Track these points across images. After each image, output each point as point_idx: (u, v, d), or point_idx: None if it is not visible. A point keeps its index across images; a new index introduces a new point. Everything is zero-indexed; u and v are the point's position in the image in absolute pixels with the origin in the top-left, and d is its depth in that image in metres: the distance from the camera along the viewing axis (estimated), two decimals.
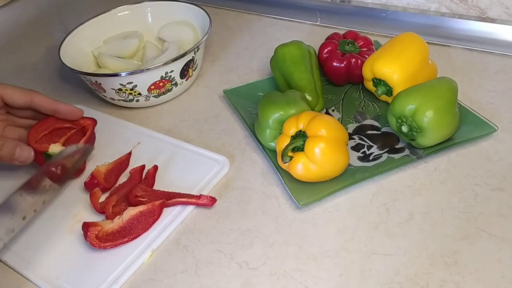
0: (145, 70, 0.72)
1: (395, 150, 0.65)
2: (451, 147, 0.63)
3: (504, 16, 0.83)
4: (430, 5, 0.89)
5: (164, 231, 0.59)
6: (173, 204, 0.62)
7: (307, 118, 0.60)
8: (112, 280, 0.55)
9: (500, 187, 0.59)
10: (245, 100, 0.76)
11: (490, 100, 0.71)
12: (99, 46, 0.86)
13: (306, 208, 0.60)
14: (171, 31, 0.88)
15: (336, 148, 0.59)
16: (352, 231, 0.57)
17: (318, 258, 0.54)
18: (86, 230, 0.57)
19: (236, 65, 0.88)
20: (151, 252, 0.57)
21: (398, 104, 0.62)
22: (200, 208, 0.62)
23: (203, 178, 0.65)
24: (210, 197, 0.61)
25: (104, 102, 0.82)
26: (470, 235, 0.54)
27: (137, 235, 0.58)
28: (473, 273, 0.51)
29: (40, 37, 1.06)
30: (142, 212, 0.60)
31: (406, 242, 0.55)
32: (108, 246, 0.57)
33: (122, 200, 0.63)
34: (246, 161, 0.68)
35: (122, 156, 0.69)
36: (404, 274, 0.51)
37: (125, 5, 0.90)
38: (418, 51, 0.69)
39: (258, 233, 0.58)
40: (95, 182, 0.64)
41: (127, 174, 0.67)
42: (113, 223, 0.59)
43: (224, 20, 1.02)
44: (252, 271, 0.54)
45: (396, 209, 0.58)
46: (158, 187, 0.65)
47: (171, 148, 0.70)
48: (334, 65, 0.74)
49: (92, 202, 0.62)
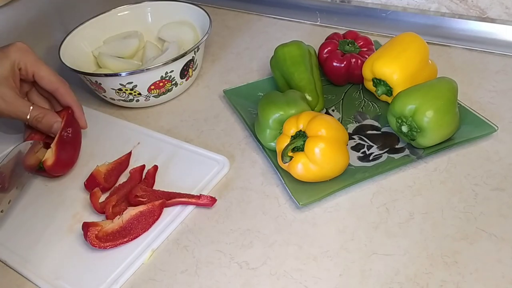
0: (145, 70, 0.72)
1: (395, 150, 0.65)
2: (451, 147, 0.63)
3: (504, 16, 0.83)
4: (430, 5, 0.89)
5: (164, 231, 0.59)
6: (173, 204, 0.62)
7: (307, 118, 0.60)
8: (112, 280, 0.55)
9: (500, 187, 0.59)
10: (245, 100, 0.76)
11: (490, 100, 0.71)
12: (99, 46, 0.86)
13: (306, 208, 0.60)
14: (171, 31, 0.88)
15: (336, 148, 0.59)
16: (352, 231, 0.57)
17: (318, 258, 0.54)
18: (86, 230, 0.57)
19: (236, 65, 0.88)
20: (151, 252, 0.57)
21: (398, 104, 0.62)
22: (200, 208, 0.62)
23: (203, 178, 0.65)
24: (210, 197, 0.61)
25: (104, 102, 0.82)
26: (470, 235, 0.54)
27: (137, 235, 0.58)
28: (473, 273, 0.51)
29: (40, 37, 1.06)
30: (142, 212, 0.60)
31: (406, 242, 0.54)
32: (108, 246, 0.57)
33: (122, 200, 0.63)
34: (246, 161, 0.68)
35: (122, 156, 0.69)
36: (404, 274, 0.51)
37: (125, 5, 0.90)
38: (418, 51, 0.69)
39: (258, 233, 0.58)
40: (95, 182, 0.64)
41: (127, 174, 0.67)
42: (113, 223, 0.59)
43: (224, 20, 1.02)
44: (252, 271, 0.54)
45: (396, 209, 0.58)
46: (158, 187, 0.65)
47: (171, 148, 0.70)
48: (334, 65, 0.74)
49: (92, 202, 0.62)
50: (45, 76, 0.66)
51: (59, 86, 0.67)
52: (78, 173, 0.69)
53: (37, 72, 0.65)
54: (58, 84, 0.67)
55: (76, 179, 0.68)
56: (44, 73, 0.66)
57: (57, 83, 0.67)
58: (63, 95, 0.67)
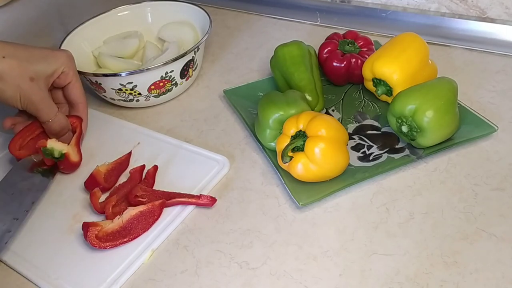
0: (145, 70, 0.72)
1: (395, 150, 0.65)
2: (451, 147, 0.63)
3: (504, 16, 0.83)
4: (430, 5, 0.89)
5: (164, 231, 0.59)
6: (173, 204, 0.62)
7: (307, 118, 0.60)
8: (112, 280, 0.55)
9: (500, 187, 0.59)
10: (245, 100, 0.76)
11: (490, 100, 0.71)
12: (99, 46, 0.86)
13: (306, 208, 0.60)
14: (171, 31, 0.88)
15: (336, 148, 0.59)
16: (352, 231, 0.57)
17: (318, 258, 0.54)
18: (86, 230, 0.57)
19: (236, 65, 0.88)
20: (151, 252, 0.57)
21: (398, 104, 0.62)
22: (200, 208, 0.62)
23: (203, 178, 0.65)
24: (210, 197, 0.61)
25: (104, 102, 0.82)
26: (470, 235, 0.54)
27: (137, 235, 0.58)
28: (473, 273, 0.51)
29: (40, 37, 1.06)
30: (142, 212, 0.60)
31: (406, 242, 0.55)
32: (108, 246, 0.57)
33: (122, 200, 0.63)
34: (246, 161, 0.68)
35: (122, 156, 0.69)
36: (404, 274, 0.51)
37: (125, 5, 0.90)
38: (418, 51, 0.69)
39: (258, 233, 0.58)
40: (95, 182, 0.64)
41: (127, 174, 0.67)
42: (113, 223, 0.59)
43: (224, 20, 1.02)
44: (252, 271, 0.54)
45: (396, 209, 0.58)
46: (158, 187, 0.65)
47: (171, 148, 0.70)
48: (334, 65, 0.74)
49: (92, 202, 0.62)
50: (78, 88, 0.71)
51: (82, 101, 0.72)
52: (78, 173, 0.69)
53: (73, 82, 0.70)
54: (82, 99, 0.72)
55: (76, 179, 0.68)
56: (78, 85, 0.71)
57: (82, 98, 0.72)
58: (80, 110, 0.72)
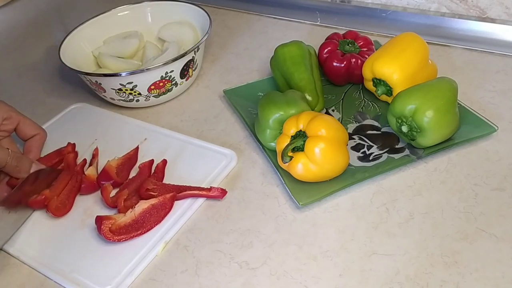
0: (145, 70, 0.72)
1: (395, 150, 0.65)
2: (451, 147, 0.63)
3: (504, 16, 0.83)
4: (430, 5, 0.89)
5: (176, 223, 0.60)
6: (184, 197, 0.62)
7: (307, 118, 0.60)
8: (127, 272, 0.55)
9: (500, 187, 0.59)
10: (245, 100, 0.76)
11: (490, 100, 0.71)
12: (99, 46, 0.87)
13: (306, 208, 0.60)
14: (171, 31, 0.88)
15: (336, 148, 0.59)
16: (352, 231, 0.57)
17: (318, 258, 0.54)
18: (99, 223, 0.58)
19: (236, 65, 0.88)
20: (164, 244, 0.58)
21: (398, 104, 0.62)
22: (200, 208, 0.62)
23: (212, 171, 0.65)
24: (221, 189, 0.62)
25: (104, 102, 0.82)
26: (470, 235, 0.54)
27: (150, 227, 0.59)
28: (473, 273, 0.51)
29: (40, 37, 1.06)
30: (154, 205, 0.60)
31: (406, 242, 0.55)
32: (122, 239, 0.57)
33: (133, 194, 0.63)
34: (246, 161, 0.68)
35: (130, 151, 0.70)
36: (404, 274, 0.51)
37: (125, 5, 0.90)
38: (418, 51, 0.69)
39: (258, 233, 0.58)
40: (108, 177, 0.65)
41: (136, 169, 0.68)
42: (125, 216, 0.59)
43: (224, 20, 1.02)
44: (252, 271, 0.54)
45: (396, 209, 0.58)
46: (168, 182, 0.65)
47: (178, 143, 0.71)
48: (334, 65, 0.74)
49: (103, 197, 0.62)
50: (29, 124, 0.68)
51: (39, 131, 0.69)
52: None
53: (22, 121, 0.68)
54: (38, 130, 0.69)
55: None
56: (28, 120, 0.68)
57: (38, 129, 0.69)
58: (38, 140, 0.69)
